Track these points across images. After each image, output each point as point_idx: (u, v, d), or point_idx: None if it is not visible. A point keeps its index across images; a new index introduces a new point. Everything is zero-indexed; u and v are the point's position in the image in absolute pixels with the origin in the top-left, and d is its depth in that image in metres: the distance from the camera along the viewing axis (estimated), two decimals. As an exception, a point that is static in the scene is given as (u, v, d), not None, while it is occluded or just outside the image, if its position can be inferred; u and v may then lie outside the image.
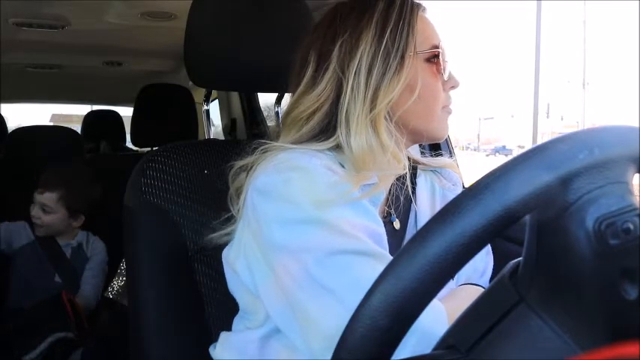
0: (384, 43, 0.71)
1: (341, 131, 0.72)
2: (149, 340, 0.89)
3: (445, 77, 0.76)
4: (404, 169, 0.72)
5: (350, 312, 0.61)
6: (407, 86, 0.72)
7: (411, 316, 0.36)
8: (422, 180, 0.84)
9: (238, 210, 0.74)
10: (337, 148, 0.73)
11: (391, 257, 0.63)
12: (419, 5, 0.77)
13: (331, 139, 0.73)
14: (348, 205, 0.65)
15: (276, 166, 0.68)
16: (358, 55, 0.71)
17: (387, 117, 0.72)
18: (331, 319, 0.60)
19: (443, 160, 0.89)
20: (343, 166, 0.72)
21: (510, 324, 0.36)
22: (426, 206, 0.82)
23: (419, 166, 0.84)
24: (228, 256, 0.76)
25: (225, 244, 0.77)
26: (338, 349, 0.37)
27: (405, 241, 0.77)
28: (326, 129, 0.74)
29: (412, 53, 0.73)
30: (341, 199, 0.65)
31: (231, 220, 0.76)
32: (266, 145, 0.73)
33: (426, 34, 0.76)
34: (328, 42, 0.74)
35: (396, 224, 0.80)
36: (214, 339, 0.83)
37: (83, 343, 1.50)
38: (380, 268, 0.61)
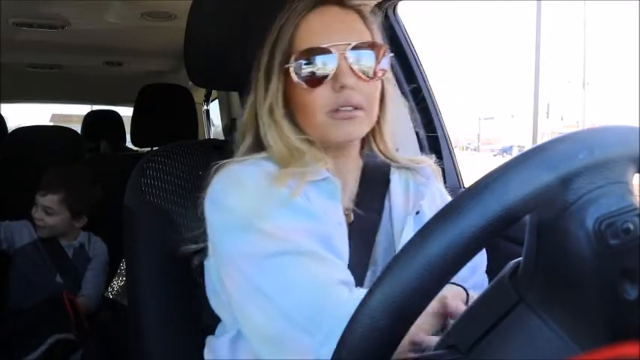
0: (266, 60, 0.79)
1: (266, 141, 0.79)
2: (149, 340, 0.89)
3: (327, 79, 0.75)
4: (325, 164, 0.77)
5: (279, 310, 0.64)
6: (286, 97, 0.78)
7: (411, 316, 0.36)
8: (396, 177, 0.88)
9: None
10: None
11: (326, 255, 0.69)
12: (303, 9, 0.78)
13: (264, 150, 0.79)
14: (284, 208, 0.71)
15: (219, 177, 0.75)
16: (259, 74, 0.80)
17: (295, 125, 0.79)
18: (261, 318, 0.66)
19: (418, 158, 0.93)
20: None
21: (510, 324, 0.36)
22: (399, 200, 0.86)
23: (392, 164, 0.88)
24: (207, 264, 0.80)
25: None
26: (338, 349, 0.37)
27: (379, 234, 0.82)
28: (261, 141, 0.80)
29: (279, 67, 0.78)
30: (275, 203, 0.71)
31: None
32: (219, 164, 0.77)
33: (307, 40, 0.77)
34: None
35: (353, 214, 0.82)
36: (214, 339, 0.84)
37: (83, 344, 1.50)
38: (313, 266, 0.66)
